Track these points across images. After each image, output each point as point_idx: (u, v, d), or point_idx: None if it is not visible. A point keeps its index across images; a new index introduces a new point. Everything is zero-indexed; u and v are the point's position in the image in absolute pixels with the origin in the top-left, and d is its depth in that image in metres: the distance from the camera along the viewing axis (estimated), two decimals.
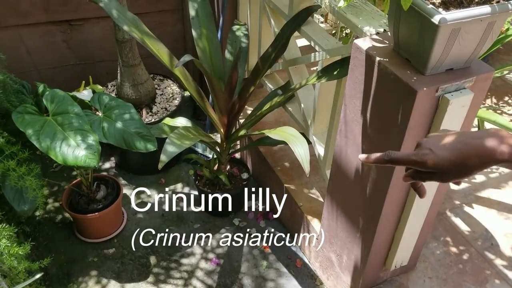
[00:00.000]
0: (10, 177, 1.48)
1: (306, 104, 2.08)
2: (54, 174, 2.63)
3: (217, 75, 2.16)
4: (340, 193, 1.77)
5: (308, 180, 2.27)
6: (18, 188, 1.72)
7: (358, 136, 1.55)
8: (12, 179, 1.48)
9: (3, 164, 1.41)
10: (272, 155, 2.40)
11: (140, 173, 2.67)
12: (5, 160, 1.45)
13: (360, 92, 1.48)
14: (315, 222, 2.08)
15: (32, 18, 2.60)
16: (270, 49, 1.97)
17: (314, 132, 2.04)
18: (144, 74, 2.46)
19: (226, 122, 2.15)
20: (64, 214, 2.44)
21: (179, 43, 3.01)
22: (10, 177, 1.48)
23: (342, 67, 1.68)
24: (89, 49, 2.84)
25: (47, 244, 2.29)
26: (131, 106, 2.04)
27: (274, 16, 2.12)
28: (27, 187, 1.52)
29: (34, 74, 2.83)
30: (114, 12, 1.84)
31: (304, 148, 1.61)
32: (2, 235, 1.14)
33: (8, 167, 1.46)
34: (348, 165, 1.65)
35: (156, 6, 2.78)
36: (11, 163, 1.46)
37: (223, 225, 2.39)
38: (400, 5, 1.19)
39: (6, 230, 1.15)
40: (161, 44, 1.92)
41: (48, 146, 1.76)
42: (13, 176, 1.48)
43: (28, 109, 1.83)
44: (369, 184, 1.57)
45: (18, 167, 1.49)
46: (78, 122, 1.84)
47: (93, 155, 1.80)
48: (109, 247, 2.28)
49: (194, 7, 2.11)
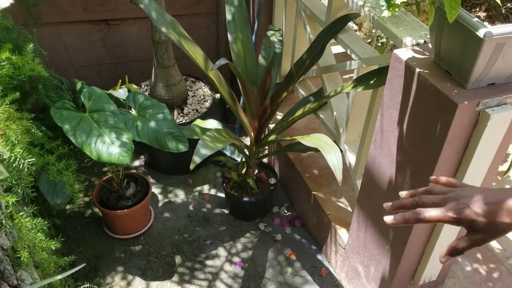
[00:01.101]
0: (49, 171, 1.51)
1: (339, 112, 2.07)
2: (86, 169, 2.69)
3: (250, 79, 2.17)
4: (370, 204, 1.75)
5: (337, 188, 2.25)
6: (52, 181, 1.76)
7: (393, 147, 1.53)
8: (51, 173, 1.51)
9: (44, 158, 1.45)
10: (301, 161, 2.40)
11: (168, 172, 2.70)
12: (45, 154, 1.48)
13: (397, 103, 1.46)
14: (343, 232, 2.06)
15: (72, 16, 2.66)
16: (305, 55, 1.97)
17: (345, 140, 2.02)
18: (178, 76, 2.49)
19: (257, 126, 2.15)
20: (94, 209, 2.48)
21: (212, 46, 3.04)
22: (49, 171, 1.51)
23: (380, 76, 1.67)
24: (124, 49, 2.89)
25: (76, 238, 2.34)
26: (164, 106, 2.06)
27: (310, 22, 2.12)
28: (63, 182, 1.55)
29: (70, 71, 2.89)
30: (153, 14, 1.87)
31: (337, 157, 1.60)
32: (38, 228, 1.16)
33: (48, 162, 1.49)
34: (381, 176, 1.63)
35: (192, 9, 2.82)
36: (51, 158, 1.50)
37: (248, 229, 2.39)
38: (444, 17, 1.17)
39: (41, 224, 1.18)
40: (197, 46, 1.95)
41: (83, 142, 1.80)
42: (52, 171, 1.51)
43: (66, 105, 1.87)
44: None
45: (57, 162, 1.52)
46: (114, 120, 1.88)
47: (126, 153, 1.83)
48: (136, 244, 2.31)
49: (231, 11, 2.13)
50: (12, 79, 1.27)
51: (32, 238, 1.16)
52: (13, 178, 1.15)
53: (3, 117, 1.09)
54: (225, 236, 2.35)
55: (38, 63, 1.28)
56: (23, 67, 1.24)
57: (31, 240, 1.16)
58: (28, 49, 1.24)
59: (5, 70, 1.18)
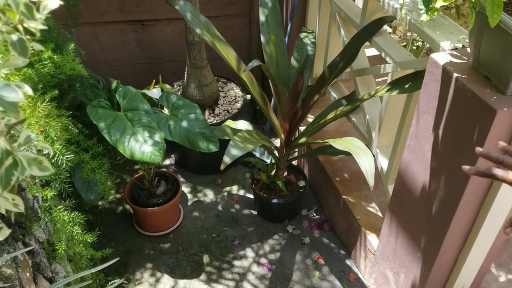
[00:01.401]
0: (84, 169, 1.55)
1: (372, 115, 2.04)
2: (117, 167, 2.74)
3: (282, 81, 2.17)
4: (402, 210, 1.72)
5: (368, 193, 2.22)
6: (86, 178, 1.81)
7: (427, 152, 1.50)
8: (85, 171, 1.55)
9: (79, 155, 1.49)
10: (331, 164, 2.38)
11: (198, 172, 2.72)
12: (81, 152, 1.52)
13: (433, 108, 1.43)
14: (373, 237, 2.04)
15: (108, 16, 2.72)
16: (338, 58, 1.96)
17: (378, 144, 2.00)
18: (210, 76, 2.51)
19: (287, 128, 2.15)
20: (125, 206, 2.53)
21: (244, 48, 3.05)
22: (83, 169, 1.55)
23: (415, 80, 1.64)
24: (158, 49, 2.94)
25: (107, 234, 2.39)
26: (196, 107, 2.09)
27: (344, 25, 2.10)
28: (96, 180, 1.59)
29: (106, 70, 2.96)
30: (188, 15, 1.90)
31: (369, 161, 1.58)
32: (75, 222, 1.20)
33: (82, 159, 1.53)
34: (414, 182, 1.60)
35: (225, 10, 2.84)
36: (86, 156, 1.54)
37: (276, 231, 2.39)
38: (484, 22, 1.14)
39: (78, 218, 1.21)
40: (230, 48, 1.96)
41: (117, 140, 1.84)
42: (86, 169, 1.55)
43: (102, 103, 1.91)
44: (436, 203, 1.52)
45: (91, 160, 1.56)
46: (147, 119, 1.91)
47: (158, 152, 1.86)
48: (165, 242, 2.35)
49: (265, 13, 2.13)
50: (53, 78, 1.31)
51: (69, 231, 1.19)
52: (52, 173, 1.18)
53: (44, 114, 1.13)
54: (253, 237, 2.36)
55: (78, 62, 1.32)
56: (64, 66, 1.28)
57: (68, 233, 1.19)
58: (69, 48, 1.28)
59: (46, 69, 1.22)
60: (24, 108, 1.13)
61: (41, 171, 0.54)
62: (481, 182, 1.39)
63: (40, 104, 1.12)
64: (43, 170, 0.55)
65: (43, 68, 1.20)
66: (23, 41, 0.51)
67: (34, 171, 0.53)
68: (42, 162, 0.55)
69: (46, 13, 0.54)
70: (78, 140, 1.57)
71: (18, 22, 0.52)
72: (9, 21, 0.51)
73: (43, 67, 1.20)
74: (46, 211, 1.20)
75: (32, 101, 1.13)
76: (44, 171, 0.55)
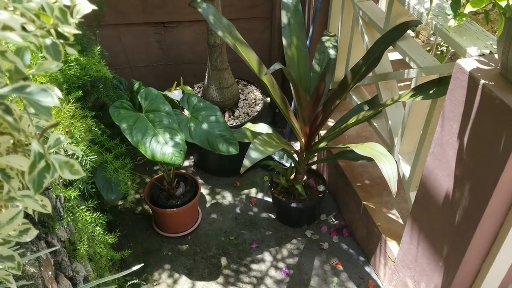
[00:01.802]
0: (107, 169, 1.57)
1: (394, 121, 2.02)
2: (138, 167, 2.76)
3: (303, 84, 2.16)
4: (424, 218, 1.70)
5: (388, 199, 2.20)
6: (108, 178, 1.83)
7: (451, 160, 1.48)
8: (108, 171, 1.57)
9: (102, 156, 1.50)
10: (351, 170, 2.36)
11: (216, 174, 2.73)
12: (104, 152, 1.54)
13: (458, 115, 1.41)
14: (393, 244, 2.01)
15: (131, 18, 2.75)
16: (361, 62, 1.94)
17: (400, 151, 1.97)
18: (230, 79, 2.51)
19: (308, 132, 2.14)
20: (144, 206, 2.55)
21: (265, 51, 3.05)
22: (106, 169, 1.57)
23: (440, 86, 1.61)
24: (179, 51, 2.96)
25: (126, 233, 2.41)
26: (217, 109, 2.09)
27: (368, 29, 2.08)
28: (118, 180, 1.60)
29: (127, 71, 2.99)
30: (211, 18, 1.90)
31: (392, 167, 1.56)
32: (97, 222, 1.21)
33: (106, 160, 1.55)
34: (437, 190, 1.58)
35: (247, 12, 2.84)
36: (109, 156, 1.55)
37: (294, 236, 2.38)
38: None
39: (100, 219, 1.22)
40: (251, 50, 1.96)
41: (139, 140, 1.85)
42: (109, 168, 1.56)
43: (124, 104, 1.93)
44: (459, 212, 1.49)
45: (114, 161, 1.58)
46: (168, 121, 1.92)
47: (179, 153, 1.86)
48: (183, 243, 2.35)
49: (287, 15, 2.13)
50: (78, 79, 1.33)
51: (91, 231, 1.20)
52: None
53: (69, 115, 1.14)
54: (271, 241, 2.35)
55: (103, 64, 1.33)
56: (90, 68, 1.29)
57: (89, 234, 1.20)
58: (95, 51, 1.29)
59: (73, 71, 1.23)
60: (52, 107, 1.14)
61: (72, 174, 0.55)
62: (508, 191, 1.36)
63: (65, 105, 1.14)
64: (75, 174, 0.55)
65: (69, 70, 1.21)
66: (57, 45, 0.52)
67: (66, 174, 0.54)
68: (74, 166, 0.55)
69: (79, 18, 0.54)
70: (101, 140, 1.58)
71: (52, 26, 0.52)
72: (43, 25, 0.51)
73: (69, 68, 1.22)
74: (69, 210, 1.21)
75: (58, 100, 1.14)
76: (75, 175, 0.55)
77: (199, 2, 1.93)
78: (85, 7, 0.53)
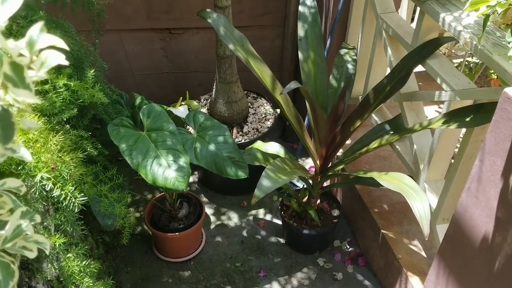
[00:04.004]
0: (101, 203, 1.40)
1: (420, 145, 1.84)
2: (138, 182, 2.59)
3: (320, 102, 1.98)
4: (456, 259, 1.52)
5: (409, 228, 2.02)
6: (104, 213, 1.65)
7: (493, 200, 1.30)
8: (103, 205, 1.40)
9: (96, 188, 1.33)
10: (369, 193, 2.18)
11: (222, 192, 2.55)
12: (98, 184, 1.37)
13: (504, 150, 1.23)
14: (415, 280, 1.83)
15: (135, 23, 2.58)
16: (386, 80, 1.76)
17: (426, 179, 1.79)
18: (240, 92, 2.34)
19: (324, 154, 1.96)
20: (144, 226, 2.38)
21: (276, 60, 2.87)
22: (101, 203, 1.40)
23: (478, 114, 1.43)
24: (185, 59, 2.79)
25: (124, 256, 2.24)
26: (226, 129, 1.91)
27: (392, 43, 1.91)
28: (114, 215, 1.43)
29: (130, 79, 2.82)
30: (221, 30, 1.73)
31: (424, 205, 1.38)
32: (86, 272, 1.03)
33: (100, 193, 1.38)
34: (474, 230, 1.40)
35: (258, 20, 2.67)
36: (104, 188, 1.38)
37: (305, 263, 2.20)
38: None
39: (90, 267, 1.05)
40: (265, 65, 1.79)
41: (139, 163, 1.68)
42: (104, 203, 1.39)
43: (124, 122, 1.76)
44: (500, 259, 1.31)
45: (110, 193, 1.40)
46: (172, 141, 1.75)
47: (182, 178, 1.69)
48: (185, 269, 2.18)
49: (304, 27, 1.95)
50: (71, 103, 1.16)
51: (79, 282, 1.03)
52: (61, 216, 1.02)
53: (56, 148, 0.97)
54: (280, 269, 2.17)
55: (98, 89, 1.16)
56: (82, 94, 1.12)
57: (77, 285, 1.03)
58: (88, 75, 1.12)
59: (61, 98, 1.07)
60: (36, 139, 0.98)
61: None
62: None
63: (52, 138, 0.97)
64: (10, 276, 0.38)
65: (57, 97, 1.04)
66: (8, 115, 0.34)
67: None
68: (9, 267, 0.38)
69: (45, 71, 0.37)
70: (96, 172, 1.41)
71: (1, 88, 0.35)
72: None
73: (57, 96, 1.05)
74: (54, 259, 1.04)
75: (45, 131, 0.98)
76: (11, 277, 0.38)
77: (209, 12, 1.76)
78: (54, 58, 0.35)
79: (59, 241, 0.97)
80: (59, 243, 0.97)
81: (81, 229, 1.11)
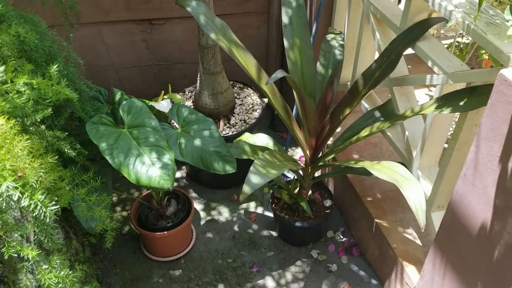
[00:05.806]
0: (79, 208, 1.32)
1: (412, 131, 1.78)
2: (124, 180, 2.48)
3: (307, 91, 1.91)
4: (453, 247, 1.47)
5: (403, 216, 1.97)
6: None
7: (490, 187, 1.24)
8: (80, 210, 1.32)
9: (72, 192, 1.25)
10: (361, 182, 2.13)
11: (211, 186, 2.49)
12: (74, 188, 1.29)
13: (501, 135, 1.17)
14: (411, 269, 1.79)
15: (113, 15, 2.48)
16: (374, 65, 1.69)
17: (419, 166, 1.74)
18: (225, 83, 2.26)
19: (313, 144, 1.90)
20: (131, 225, 2.30)
21: (262, 48, 2.79)
22: (78, 208, 1.32)
23: (472, 97, 1.38)
24: (168, 50, 2.69)
25: (112, 257, 2.17)
26: (211, 122, 1.84)
27: (380, 26, 1.84)
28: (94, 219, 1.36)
29: (111, 73, 2.73)
30: (201, 18, 1.65)
31: (419, 195, 1.33)
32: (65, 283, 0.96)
33: (77, 197, 1.30)
34: (471, 219, 1.35)
35: (241, 7, 2.58)
36: (81, 192, 1.30)
37: (299, 256, 2.14)
38: None
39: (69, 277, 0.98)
40: (249, 54, 1.71)
41: (121, 162, 1.60)
42: (82, 207, 1.32)
43: (104, 119, 1.68)
44: (499, 248, 1.26)
45: (88, 197, 1.33)
46: (155, 138, 1.67)
47: (167, 175, 1.62)
48: (176, 268, 2.12)
49: (288, 13, 1.87)
50: (37, 104, 1.08)
51: None
52: (34, 226, 0.95)
53: (23, 154, 0.89)
54: (273, 263, 2.12)
55: (64, 85, 1.08)
56: (46, 92, 1.04)
57: None
58: (51, 70, 1.03)
59: (23, 98, 0.98)
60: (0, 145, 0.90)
61: None
62: None
63: (17, 143, 0.89)
64: None
65: (19, 98, 0.96)
66: None
67: None
68: None
69: None
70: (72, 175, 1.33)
71: None
72: None
73: (19, 96, 0.96)
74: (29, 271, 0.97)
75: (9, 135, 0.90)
76: None
77: (188, 0, 1.67)
78: None
79: (32, 253, 0.90)
80: (32, 255, 0.90)
81: (59, 237, 1.03)
